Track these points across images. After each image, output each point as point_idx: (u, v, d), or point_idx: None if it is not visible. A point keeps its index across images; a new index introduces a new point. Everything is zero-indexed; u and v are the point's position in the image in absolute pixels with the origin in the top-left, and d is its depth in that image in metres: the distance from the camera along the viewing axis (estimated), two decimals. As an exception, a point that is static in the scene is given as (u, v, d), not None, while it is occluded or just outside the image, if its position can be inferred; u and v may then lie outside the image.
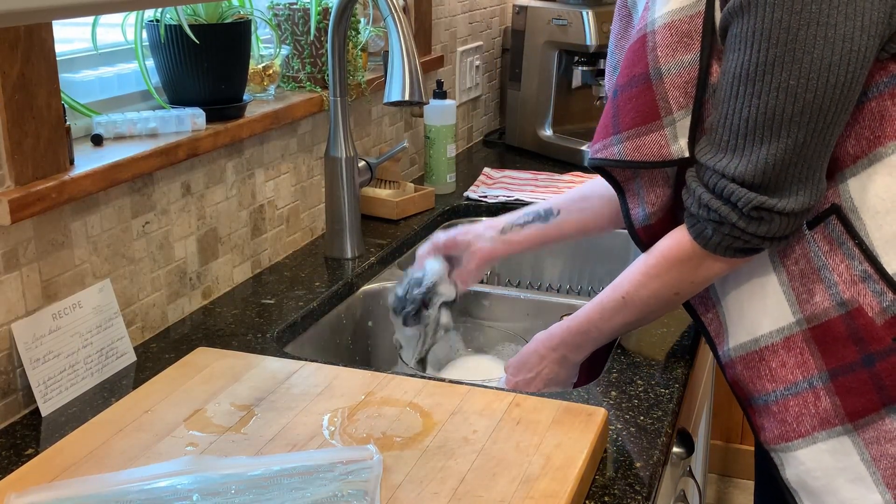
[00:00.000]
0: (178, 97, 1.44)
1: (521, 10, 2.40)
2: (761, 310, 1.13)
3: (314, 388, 1.11)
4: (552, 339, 1.27)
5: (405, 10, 1.96)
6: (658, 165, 1.12)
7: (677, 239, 1.14)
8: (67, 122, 1.16)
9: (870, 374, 1.06)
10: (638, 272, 1.18)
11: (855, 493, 1.09)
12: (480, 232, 1.45)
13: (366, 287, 1.59)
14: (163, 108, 1.41)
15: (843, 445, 1.09)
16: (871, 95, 1.05)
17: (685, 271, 1.14)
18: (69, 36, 1.40)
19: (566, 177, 2.16)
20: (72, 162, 1.18)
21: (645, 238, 1.19)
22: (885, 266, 1.06)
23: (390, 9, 1.36)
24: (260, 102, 1.59)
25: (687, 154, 1.10)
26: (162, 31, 1.38)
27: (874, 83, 1.05)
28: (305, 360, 1.20)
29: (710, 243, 1.10)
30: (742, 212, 1.05)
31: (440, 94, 2.04)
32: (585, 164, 1.19)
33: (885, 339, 1.06)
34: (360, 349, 1.56)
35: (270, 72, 1.61)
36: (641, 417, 1.13)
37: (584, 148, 2.26)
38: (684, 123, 1.09)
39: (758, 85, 1.02)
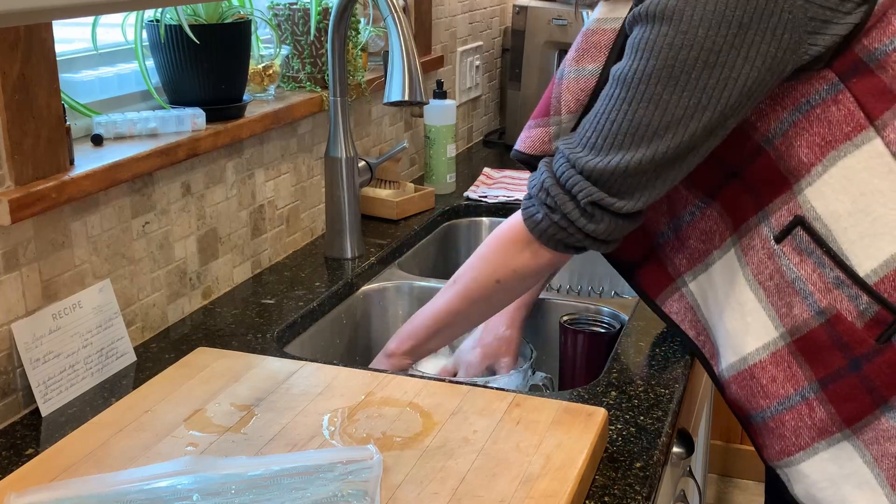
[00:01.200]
0: (178, 97, 1.44)
1: (521, 10, 2.40)
2: (744, 328, 1.13)
3: (314, 388, 1.11)
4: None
5: (405, 10, 1.96)
6: (540, 159, 1.17)
7: (511, 222, 1.19)
8: (67, 122, 1.16)
9: (859, 378, 1.06)
10: (473, 255, 1.23)
11: (863, 499, 1.08)
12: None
13: (366, 287, 1.59)
14: (163, 108, 1.41)
15: (844, 451, 1.08)
16: (813, 103, 1.05)
17: (509, 255, 1.18)
18: (69, 36, 1.40)
19: (566, 177, 2.16)
20: (72, 162, 1.18)
21: None
22: (855, 269, 1.05)
23: (390, 9, 1.36)
24: (260, 102, 1.59)
25: None
26: (162, 31, 1.38)
27: (815, 91, 1.05)
28: (305, 360, 1.20)
29: (538, 228, 1.13)
30: (578, 203, 1.09)
31: (440, 94, 2.04)
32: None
33: (868, 342, 1.05)
34: (360, 349, 1.56)
35: (270, 72, 1.61)
36: (641, 417, 1.13)
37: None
38: (568, 128, 1.15)
39: (632, 91, 1.04)
